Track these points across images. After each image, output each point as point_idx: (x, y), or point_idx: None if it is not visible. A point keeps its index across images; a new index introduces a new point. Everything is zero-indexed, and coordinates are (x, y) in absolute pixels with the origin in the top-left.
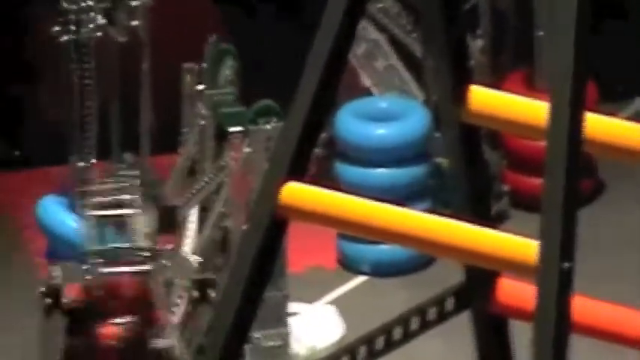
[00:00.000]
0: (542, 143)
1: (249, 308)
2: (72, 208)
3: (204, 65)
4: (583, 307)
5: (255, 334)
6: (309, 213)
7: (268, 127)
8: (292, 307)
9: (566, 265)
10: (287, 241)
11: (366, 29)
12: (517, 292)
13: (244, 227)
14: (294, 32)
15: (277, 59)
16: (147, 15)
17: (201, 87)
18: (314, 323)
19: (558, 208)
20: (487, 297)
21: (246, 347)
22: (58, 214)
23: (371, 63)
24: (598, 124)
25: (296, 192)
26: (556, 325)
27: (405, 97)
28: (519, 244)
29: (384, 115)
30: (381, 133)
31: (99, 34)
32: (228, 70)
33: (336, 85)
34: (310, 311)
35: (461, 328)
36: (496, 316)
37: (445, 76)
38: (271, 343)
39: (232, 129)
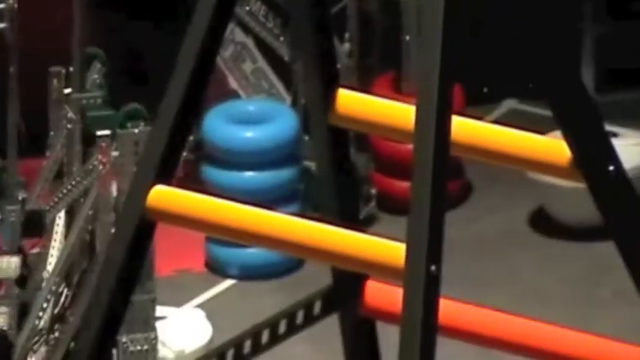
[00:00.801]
0: (410, 146)
1: (118, 311)
2: None
3: (72, 69)
4: (451, 309)
5: (123, 338)
6: (177, 216)
7: (136, 130)
8: (160, 310)
9: (433, 267)
10: (154, 244)
11: (234, 32)
12: (385, 295)
13: (112, 230)
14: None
15: (153, 63)
16: (14, 18)
17: (68, 91)
18: (182, 327)
19: (425, 211)
20: (355, 300)
21: (114, 351)
22: None
23: (238, 66)
24: (465, 127)
25: (163, 195)
26: (423, 328)
27: (273, 100)
28: (387, 247)
29: (252, 117)
30: (249, 135)
31: None
32: (96, 73)
33: (204, 87)
34: (178, 315)
35: (329, 331)
36: (364, 318)
37: (313, 80)
38: (138, 347)
39: (100, 133)
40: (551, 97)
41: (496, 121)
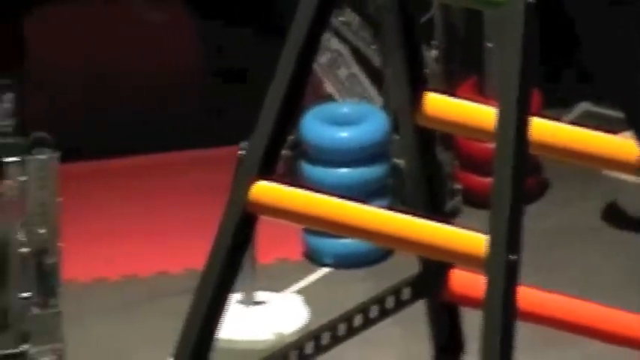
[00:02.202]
0: (491, 145)
1: (223, 297)
2: None
3: None
4: (528, 296)
5: (30, 350)
6: (277, 209)
7: (42, 157)
8: (261, 295)
9: (513, 257)
10: (256, 235)
11: (330, 40)
12: (468, 282)
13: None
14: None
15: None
16: None
17: None
18: (281, 311)
19: (506, 205)
20: (441, 287)
21: None
22: None
23: (334, 71)
24: (542, 128)
25: (265, 190)
26: (503, 313)
27: (365, 103)
28: (470, 238)
29: (346, 119)
30: (343, 135)
31: None
32: (7, 103)
33: (303, 91)
34: (277, 300)
35: (417, 316)
36: (449, 304)
37: (402, 84)
38: (46, 359)
39: (9, 159)
40: (621, 100)
41: (572, 122)
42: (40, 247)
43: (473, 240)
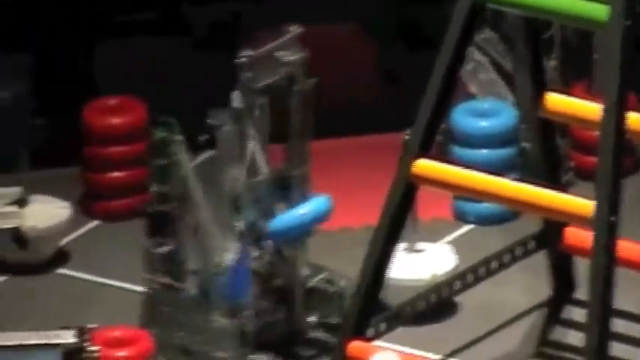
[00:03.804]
0: (597, 133)
1: (391, 247)
2: None
3: None
4: (625, 247)
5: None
6: (433, 181)
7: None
8: (420, 245)
9: (613, 218)
10: (416, 200)
11: (474, 52)
12: (579, 237)
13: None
14: None
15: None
16: None
17: None
18: (435, 257)
19: (608, 178)
20: (558, 240)
21: None
22: None
23: (476, 76)
24: (636, 120)
25: (423, 166)
26: (606, 261)
27: (500, 100)
28: (581, 203)
29: (485, 112)
30: (483, 125)
31: None
32: None
33: (452, 91)
34: (433, 249)
35: (539, 263)
36: (564, 253)
37: (528, 86)
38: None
39: None
40: None
41: None
42: None
43: (583, 205)
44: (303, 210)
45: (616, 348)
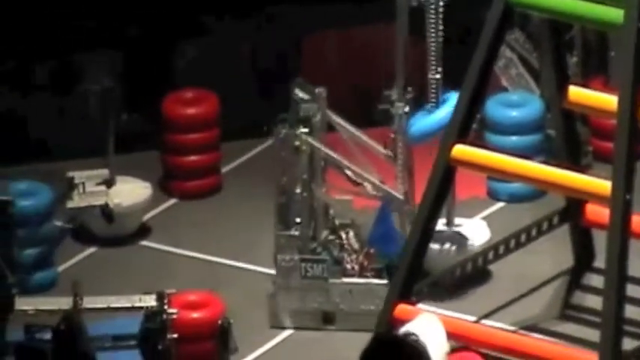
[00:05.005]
0: (614, 121)
1: (432, 223)
2: None
3: None
4: (638, 222)
5: None
6: (470, 164)
7: None
8: (458, 220)
9: (628, 196)
10: (455, 180)
11: (505, 50)
12: (598, 213)
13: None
14: None
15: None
16: None
17: None
18: (471, 231)
19: (623, 161)
20: (580, 216)
21: None
22: None
23: (507, 71)
24: None
25: (461, 151)
26: (621, 234)
27: (528, 92)
28: (599, 183)
29: (515, 103)
30: (514, 114)
31: None
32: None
33: (486, 84)
34: (469, 223)
35: (563, 236)
36: (584, 227)
37: (552, 80)
38: None
39: None
40: None
41: None
42: None
43: (601, 185)
44: (442, 112)
45: (630, 310)
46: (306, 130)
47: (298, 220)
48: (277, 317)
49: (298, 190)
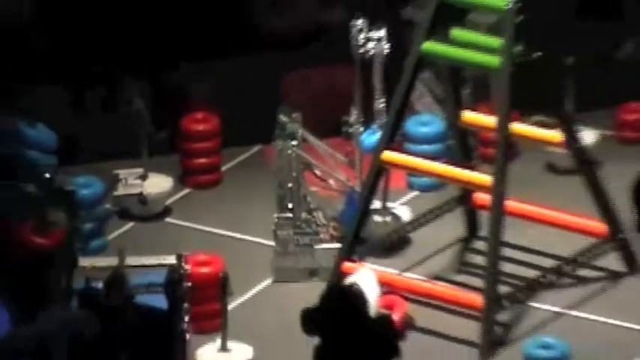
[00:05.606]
0: (494, 134)
1: (369, 204)
2: None
3: None
4: (509, 205)
5: None
6: (395, 164)
7: None
8: (387, 204)
9: (502, 187)
10: (386, 176)
11: (419, 85)
12: (483, 199)
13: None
14: None
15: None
16: None
17: None
18: (399, 211)
19: (500, 162)
20: (469, 200)
21: None
22: None
23: (420, 99)
24: (516, 127)
25: (389, 155)
26: (498, 212)
27: (435, 115)
28: (482, 178)
29: (426, 122)
30: (425, 130)
31: None
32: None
33: (405, 108)
34: (394, 206)
35: (458, 214)
36: (473, 208)
37: (452, 106)
38: None
39: None
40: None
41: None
42: None
43: (484, 179)
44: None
45: (504, 265)
46: (295, 142)
47: (290, 205)
48: (278, 273)
49: (290, 185)
